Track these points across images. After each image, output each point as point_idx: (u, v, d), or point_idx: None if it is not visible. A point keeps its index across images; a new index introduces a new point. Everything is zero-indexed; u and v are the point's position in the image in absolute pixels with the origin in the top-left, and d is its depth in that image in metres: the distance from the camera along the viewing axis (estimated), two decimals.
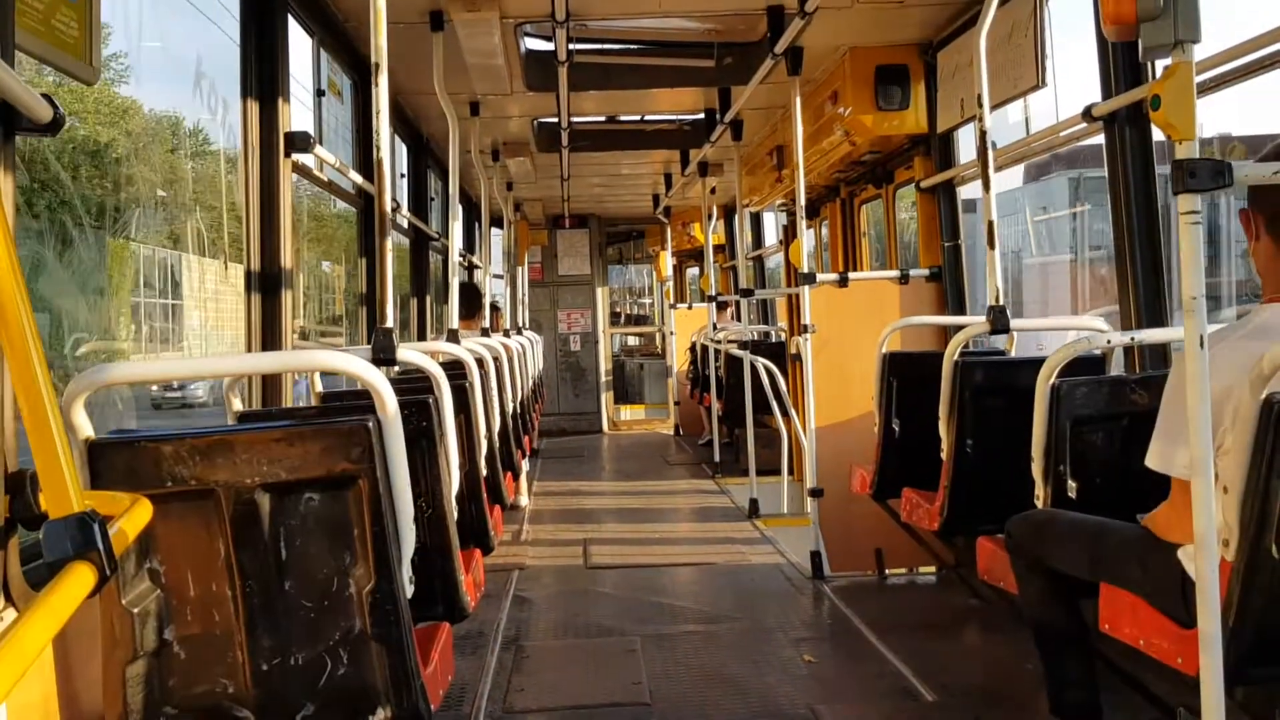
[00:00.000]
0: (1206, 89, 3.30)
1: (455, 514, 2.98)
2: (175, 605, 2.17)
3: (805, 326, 5.43)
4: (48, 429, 1.49)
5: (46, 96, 1.86)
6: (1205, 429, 1.92)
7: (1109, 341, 3.26)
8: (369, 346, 2.99)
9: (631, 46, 6.25)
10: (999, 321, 3.87)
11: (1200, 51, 1.94)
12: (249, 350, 3.85)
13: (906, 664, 3.84)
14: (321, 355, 3.03)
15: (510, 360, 5.61)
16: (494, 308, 7.90)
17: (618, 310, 15.79)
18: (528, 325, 11.39)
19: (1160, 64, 2.00)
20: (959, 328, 4.09)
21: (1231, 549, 2.08)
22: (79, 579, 1.41)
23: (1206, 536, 1.92)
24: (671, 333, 13.29)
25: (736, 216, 8.93)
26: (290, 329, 3.96)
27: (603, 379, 13.56)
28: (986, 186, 4.01)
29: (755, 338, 9.17)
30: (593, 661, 4.06)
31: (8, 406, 1.91)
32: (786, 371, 7.90)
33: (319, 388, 3.73)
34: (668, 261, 13.50)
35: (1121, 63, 3.78)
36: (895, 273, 5.91)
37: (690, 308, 13.39)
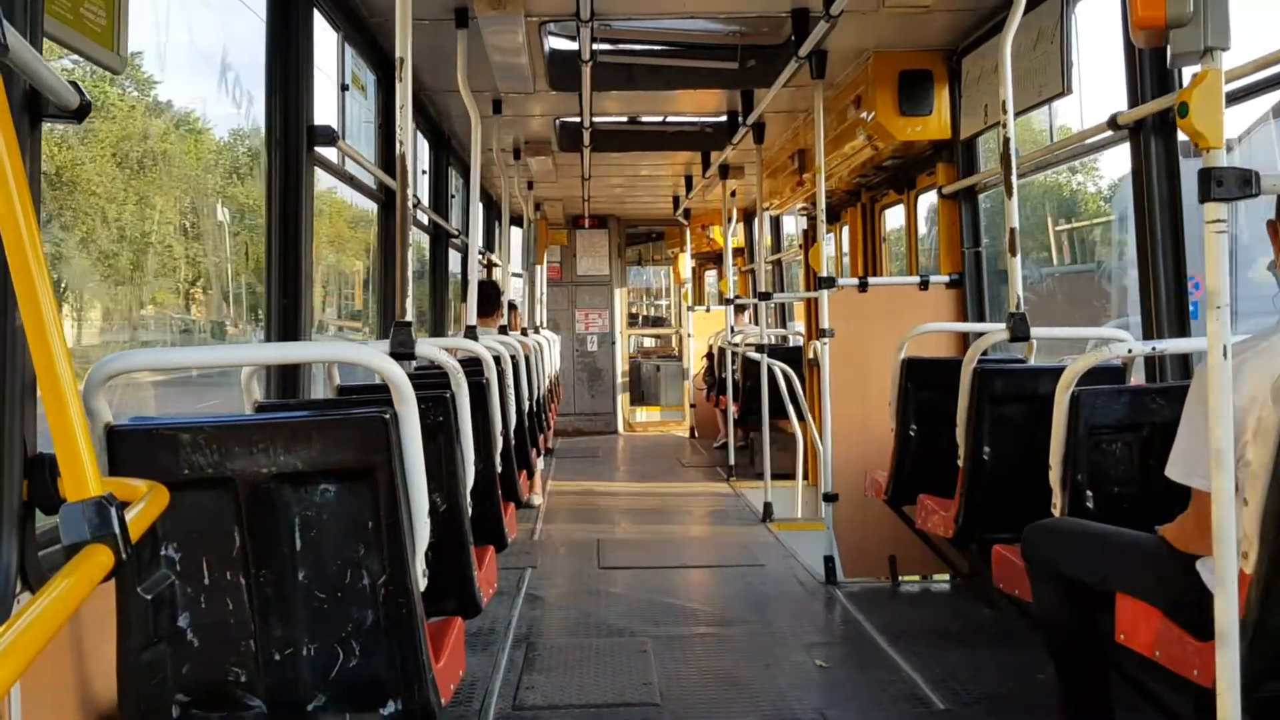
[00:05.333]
0: (1236, 98, 3.27)
1: (470, 510, 2.98)
2: (189, 593, 2.17)
3: (823, 331, 5.43)
4: (68, 414, 1.49)
5: (73, 83, 1.87)
6: (1227, 440, 1.90)
7: (1130, 351, 3.23)
8: (388, 340, 3.00)
9: (655, 47, 6.24)
10: (1018, 329, 3.85)
11: (1229, 60, 1.92)
12: (269, 341, 3.87)
13: (918, 671, 3.82)
14: (341, 347, 3.04)
15: (527, 358, 5.61)
16: (512, 306, 7.90)
17: (635, 311, 15.76)
18: (545, 325, 11.39)
19: (1189, 71, 1.99)
20: (979, 334, 4.07)
21: (1251, 561, 2.06)
22: (95, 562, 1.41)
23: (1226, 548, 1.91)
24: (689, 335, 13.29)
25: (756, 220, 8.91)
26: (310, 321, 3.97)
27: (619, 380, 13.56)
28: (1009, 193, 3.99)
29: (773, 341, 9.15)
30: (603, 661, 4.06)
31: (29, 391, 1.92)
32: (803, 375, 7.88)
33: (337, 380, 3.74)
34: (687, 264, 13.50)
35: (1149, 70, 3.76)
36: (915, 278, 5.89)
37: (708, 310, 13.38)
